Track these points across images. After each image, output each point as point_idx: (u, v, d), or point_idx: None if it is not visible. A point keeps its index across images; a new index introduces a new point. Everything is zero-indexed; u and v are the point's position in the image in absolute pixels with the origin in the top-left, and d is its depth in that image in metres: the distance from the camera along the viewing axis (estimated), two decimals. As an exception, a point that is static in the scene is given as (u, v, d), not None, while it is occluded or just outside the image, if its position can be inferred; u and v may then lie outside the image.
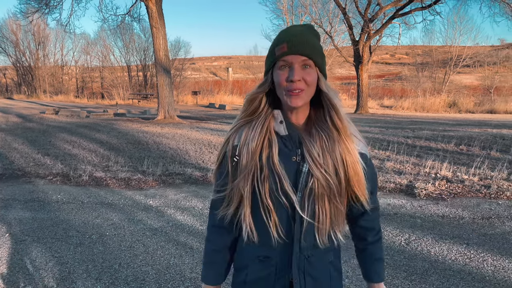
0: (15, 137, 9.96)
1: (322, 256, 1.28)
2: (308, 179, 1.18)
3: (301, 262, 1.24)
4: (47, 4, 14.31)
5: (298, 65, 1.15)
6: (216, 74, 57.68)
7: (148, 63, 31.72)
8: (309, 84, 1.16)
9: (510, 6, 16.63)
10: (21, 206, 4.97)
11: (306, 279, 1.25)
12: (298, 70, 1.14)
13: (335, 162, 1.18)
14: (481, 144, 8.24)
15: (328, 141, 1.18)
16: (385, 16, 19.35)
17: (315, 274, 1.26)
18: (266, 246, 1.24)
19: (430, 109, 22.91)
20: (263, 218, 1.21)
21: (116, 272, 3.23)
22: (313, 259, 1.25)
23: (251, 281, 1.29)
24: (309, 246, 1.23)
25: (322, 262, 1.28)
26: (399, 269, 3.21)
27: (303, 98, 1.16)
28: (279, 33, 1.21)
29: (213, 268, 1.38)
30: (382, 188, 5.55)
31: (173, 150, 8.30)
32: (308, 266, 1.25)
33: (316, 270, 1.27)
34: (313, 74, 1.16)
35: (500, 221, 4.26)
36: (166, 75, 13.70)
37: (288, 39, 1.15)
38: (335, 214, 1.22)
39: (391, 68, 57.25)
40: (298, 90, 1.15)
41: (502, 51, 51.33)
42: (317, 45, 1.18)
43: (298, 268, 1.24)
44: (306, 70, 1.15)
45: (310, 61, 1.15)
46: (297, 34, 1.16)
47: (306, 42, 1.15)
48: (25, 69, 34.77)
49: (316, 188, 1.17)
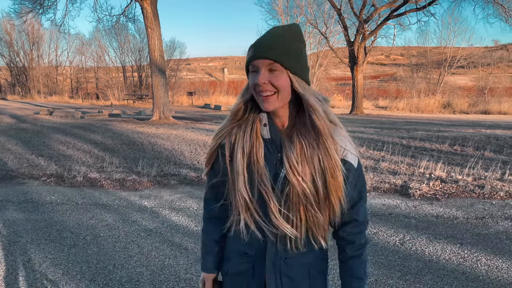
0: (8, 138, 9.90)
1: (300, 259, 1.26)
2: (285, 185, 1.17)
3: (277, 262, 1.25)
4: (41, 4, 14.22)
5: (264, 69, 1.13)
6: (211, 75, 57.63)
7: (143, 64, 31.62)
8: (278, 88, 1.13)
9: (503, 7, 16.75)
10: (15, 207, 4.93)
11: (282, 279, 1.26)
12: (264, 74, 1.13)
13: (313, 170, 1.15)
14: (475, 144, 8.28)
15: (308, 148, 1.15)
16: (380, 17, 19.43)
17: (292, 275, 1.27)
18: (246, 243, 1.28)
19: (424, 109, 23.02)
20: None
21: (111, 273, 3.21)
22: (290, 261, 1.26)
23: (232, 274, 1.35)
24: (285, 247, 1.24)
25: (300, 264, 1.27)
26: (393, 269, 3.22)
27: (273, 103, 1.15)
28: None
29: (212, 257, 1.43)
30: (377, 188, 5.57)
31: (168, 150, 8.28)
32: (285, 267, 1.26)
33: (293, 271, 1.27)
34: (280, 77, 1.13)
35: (493, 221, 4.29)
36: (161, 76, 13.67)
37: (255, 43, 1.15)
38: (314, 222, 1.19)
39: (386, 69, 57.48)
40: (267, 94, 1.14)
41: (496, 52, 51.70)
42: (288, 47, 1.14)
43: (273, 268, 1.26)
44: (274, 73, 1.13)
45: (276, 64, 1.12)
46: (268, 37, 1.14)
47: (271, 45, 1.12)
48: (19, 69, 34.54)
49: (291, 194, 1.16)
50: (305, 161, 1.14)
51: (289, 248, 1.23)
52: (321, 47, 29.16)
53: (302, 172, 1.14)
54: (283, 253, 1.24)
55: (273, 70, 1.13)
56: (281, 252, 1.24)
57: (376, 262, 3.35)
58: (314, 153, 1.15)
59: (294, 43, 1.15)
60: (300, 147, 1.15)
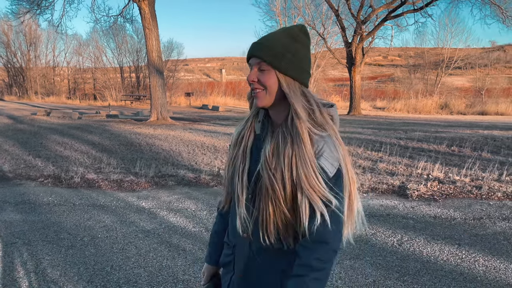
0: (5, 139, 9.86)
1: (272, 261, 1.25)
2: (258, 178, 1.21)
3: (249, 261, 1.27)
4: (38, 4, 14.19)
5: (255, 67, 1.19)
6: (209, 76, 57.61)
7: (141, 65, 31.56)
8: (265, 86, 1.17)
9: (500, 8, 16.81)
10: (12, 208, 4.92)
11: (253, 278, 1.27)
12: (254, 71, 1.19)
13: (282, 166, 1.15)
14: (472, 145, 8.30)
15: (280, 144, 1.16)
16: (378, 18, 19.48)
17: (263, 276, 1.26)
18: (231, 235, 1.36)
19: (422, 110, 23.08)
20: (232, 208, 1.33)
21: (108, 274, 3.20)
22: (262, 262, 1.25)
23: (222, 263, 1.42)
24: (258, 246, 1.25)
25: (272, 267, 1.25)
26: (391, 270, 3.22)
27: (263, 99, 1.19)
28: None
29: (213, 249, 1.49)
30: (374, 189, 5.57)
31: (166, 151, 8.27)
32: (257, 267, 1.26)
33: (265, 272, 1.26)
34: (268, 76, 1.17)
35: (491, 221, 4.30)
36: (159, 76, 13.65)
37: (252, 43, 1.20)
38: (282, 220, 1.18)
39: (383, 69, 57.61)
40: (257, 90, 1.19)
41: (493, 53, 51.90)
42: (280, 47, 1.16)
43: (245, 266, 1.28)
44: (263, 72, 1.18)
45: (264, 63, 1.17)
46: (263, 37, 1.20)
47: (262, 44, 1.17)
48: (16, 70, 34.43)
49: (262, 188, 1.19)
50: (277, 156, 1.16)
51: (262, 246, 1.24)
52: (318, 48, 29.18)
53: (273, 167, 1.16)
54: (256, 251, 1.26)
55: (262, 69, 1.18)
56: (254, 250, 1.26)
57: (374, 263, 3.35)
58: (285, 149, 1.15)
59: (289, 44, 1.18)
60: (275, 143, 1.18)
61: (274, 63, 1.16)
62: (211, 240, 1.52)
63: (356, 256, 3.48)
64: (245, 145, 1.26)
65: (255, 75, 1.19)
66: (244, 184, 1.23)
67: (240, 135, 1.30)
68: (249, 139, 1.27)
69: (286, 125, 1.19)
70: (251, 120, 1.29)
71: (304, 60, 1.21)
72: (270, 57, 1.16)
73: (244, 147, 1.26)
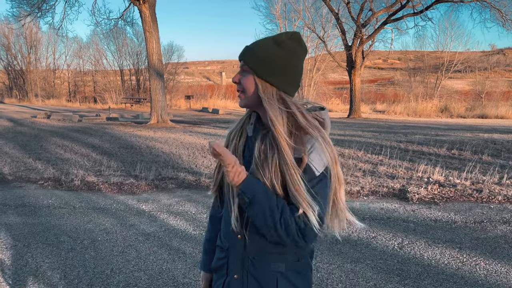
0: (6, 141, 9.86)
1: (269, 263, 1.25)
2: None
3: (245, 261, 1.27)
4: (39, 7, 14.22)
5: (240, 69, 1.24)
6: (209, 79, 57.70)
7: (141, 67, 31.63)
8: (244, 87, 1.22)
9: (500, 12, 16.86)
10: (12, 211, 4.91)
11: (249, 279, 1.27)
12: (238, 73, 1.24)
13: (271, 170, 1.17)
14: (472, 148, 8.30)
15: (268, 149, 1.19)
16: (378, 21, 19.53)
17: (259, 278, 1.26)
18: (223, 238, 1.35)
19: (422, 113, 23.09)
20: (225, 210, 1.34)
21: (108, 277, 3.19)
22: (257, 262, 1.26)
23: (214, 268, 1.41)
24: (254, 247, 1.25)
25: (268, 269, 1.25)
26: (392, 273, 3.21)
27: (243, 101, 1.24)
28: None
29: (206, 256, 1.51)
30: (375, 192, 5.56)
31: (166, 154, 8.27)
32: (252, 267, 1.26)
33: (260, 274, 1.26)
34: (246, 78, 1.21)
35: (492, 225, 4.29)
36: (159, 79, 13.67)
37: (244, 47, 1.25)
38: None
39: (383, 73, 57.70)
40: (238, 92, 1.24)
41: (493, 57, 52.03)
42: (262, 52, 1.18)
43: (242, 267, 1.28)
44: (243, 74, 1.22)
45: (245, 66, 1.21)
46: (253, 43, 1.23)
47: (247, 49, 1.22)
48: (16, 72, 34.49)
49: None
50: (265, 160, 1.18)
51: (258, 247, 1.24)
52: (319, 51, 29.26)
53: (262, 171, 1.18)
54: (252, 252, 1.26)
55: (244, 71, 1.22)
56: (250, 251, 1.26)
57: (375, 267, 3.34)
58: (273, 152, 1.17)
59: (272, 50, 1.19)
60: (264, 147, 1.20)
61: (253, 67, 1.19)
62: (204, 247, 1.54)
63: (356, 260, 3.47)
64: (236, 146, 1.29)
65: (238, 77, 1.23)
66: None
67: (231, 135, 1.33)
68: (241, 141, 1.30)
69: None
70: (243, 122, 1.33)
71: (288, 66, 1.20)
72: (251, 61, 1.19)
73: (235, 147, 1.29)
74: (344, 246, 3.78)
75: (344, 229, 1.31)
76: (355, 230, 4.16)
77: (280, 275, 1.25)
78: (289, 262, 1.25)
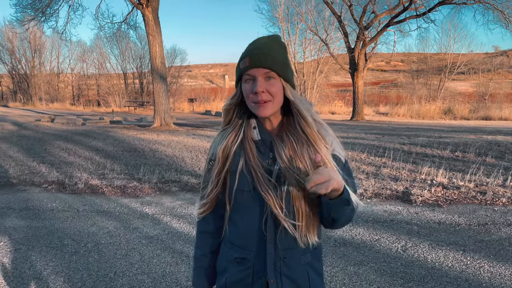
0: (10, 145, 9.91)
1: (299, 257, 1.29)
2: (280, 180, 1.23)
3: (277, 263, 1.27)
4: (43, 12, 14.32)
5: (261, 77, 1.21)
6: (212, 81, 57.81)
7: (145, 71, 31.72)
8: (274, 94, 1.21)
9: (503, 13, 16.81)
10: (16, 214, 4.93)
11: (283, 280, 1.27)
12: (262, 82, 1.20)
13: (305, 164, 1.21)
14: (476, 150, 8.27)
15: (297, 145, 1.23)
16: (380, 23, 19.51)
17: (292, 276, 1.28)
18: (242, 248, 1.31)
19: (425, 116, 23.01)
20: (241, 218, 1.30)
21: (112, 280, 3.20)
22: (289, 260, 1.27)
23: (230, 283, 1.34)
24: (284, 246, 1.26)
25: (299, 264, 1.29)
26: (396, 276, 3.20)
27: (270, 108, 1.22)
28: (247, 46, 1.27)
29: (202, 272, 1.46)
30: (378, 194, 5.55)
31: (169, 157, 8.28)
32: (284, 267, 1.27)
33: (293, 271, 1.28)
34: (276, 84, 1.22)
35: (496, 227, 4.27)
36: (162, 83, 13.71)
37: (250, 54, 1.22)
38: (311, 215, 1.25)
39: (386, 75, 57.62)
40: (264, 101, 1.21)
41: (496, 58, 51.87)
42: (280, 56, 1.23)
43: (274, 269, 1.27)
44: (270, 81, 1.21)
45: (272, 72, 1.21)
46: (260, 47, 1.22)
47: (267, 55, 1.21)
48: (20, 76, 34.66)
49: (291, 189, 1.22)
50: (296, 155, 1.21)
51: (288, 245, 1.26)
52: (321, 53, 29.25)
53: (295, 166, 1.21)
54: (282, 252, 1.26)
55: (269, 78, 1.21)
56: (280, 251, 1.26)
57: (379, 269, 3.33)
58: (304, 148, 1.22)
59: (282, 52, 1.25)
60: (290, 144, 1.23)
61: (281, 71, 1.21)
62: (199, 264, 1.46)
63: (360, 262, 3.47)
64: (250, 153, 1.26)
65: (263, 85, 1.20)
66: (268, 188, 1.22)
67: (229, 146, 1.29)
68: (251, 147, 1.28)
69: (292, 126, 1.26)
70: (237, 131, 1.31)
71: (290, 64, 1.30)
72: (277, 66, 1.20)
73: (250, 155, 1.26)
74: (347, 248, 3.77)
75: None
76: (358, 233, 4.15)
77: (309, 266, 1.30)
78: (312, 252, 1.31)
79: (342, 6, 19.98)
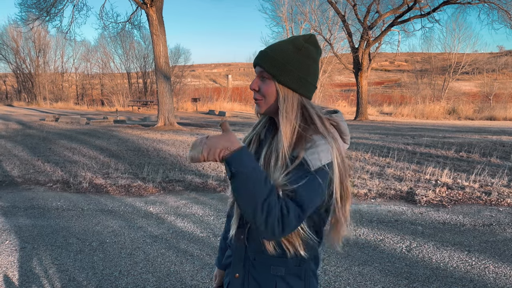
0: (15, 144, 9.96)
1: (268, 265, 1.23)
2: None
3: (247, 262, 1.27)
4: (48, 11, 14.38)
5: (258, 76, 1.22)
6: (215, 81, 57.84)
7: (148, 70, 31.78)
8: (265, 95, 1.20)
9: (508, 13, 16.74)
10: (21, 213, 4.95)
11: (249, 280, 1.27)
12: (257, 80, 1.22)
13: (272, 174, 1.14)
14: (481, 150, 8.24)
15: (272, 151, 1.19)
16: (384, 23, 19.48)
17: (259, 280, 1.25)
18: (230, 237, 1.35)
19: (429, 116, 22.96)
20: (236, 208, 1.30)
21: (116, 279, 3.21)
22: (258, 264, 1.25)
23: (224, 265, 1.47)
24: (253, 247, 1.25)
25: (267, 272, 1.23)
26: (400, 277, 3.20)
27: (262, 107, 1.22)
28: None
29: (220, 252, 1.56)
30: (382, 194, 5.54)
31: (173, 156, 8.30)
32: (253, 268, 1.26)
33: (261, 277, 1.25)
34: (267, 85, 1.19)
35: (501, 228, 4.26)
36: (166, 82, 13.74)
37: (259, 51, 1.22)
38: None
39: (390, 75, 57.48)
40: (256, 99, 1.23)
41: (500, 58, 51.64)
42: (282, 58, 1.17)
43: (243, 266, 1.28)
44: (264, 81, 1.21)
45: (265, 73, 1.19)
46: (270, 46, 1.22)
47: (266, 55, 1.19)
48: (25, 76, 34.81)
49: None
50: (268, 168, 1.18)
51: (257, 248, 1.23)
52: (325, 53, 29.19)
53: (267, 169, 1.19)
54: (251, 253, 1.25)
55: (263, 78, 1.21)
56: (250, 251, 1.25)
57: (383, 269, 3.33)
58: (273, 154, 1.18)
59: (292, 55, 1.18)
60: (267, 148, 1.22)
61: (275, 73, 1.17)
62: (220, 245, 1.58)
63: (364, 262, 3.46)
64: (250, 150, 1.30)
65: (257, 84, 1.21)
66: None
67: (247, 141, 1.33)
68: (254, 145, 1.30)
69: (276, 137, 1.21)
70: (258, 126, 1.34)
71: (308, 71, 1.19)
72: (272, 68, 1.17)
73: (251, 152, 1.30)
74: (352, 248, 3.76)
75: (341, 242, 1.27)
76: (362, 233, 4.15)
77: (280, 279, 1.22)
78: (290, 267, 1.22)
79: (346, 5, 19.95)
